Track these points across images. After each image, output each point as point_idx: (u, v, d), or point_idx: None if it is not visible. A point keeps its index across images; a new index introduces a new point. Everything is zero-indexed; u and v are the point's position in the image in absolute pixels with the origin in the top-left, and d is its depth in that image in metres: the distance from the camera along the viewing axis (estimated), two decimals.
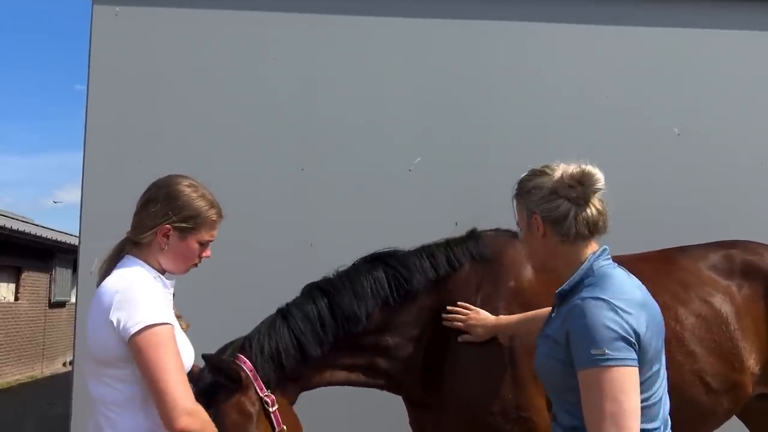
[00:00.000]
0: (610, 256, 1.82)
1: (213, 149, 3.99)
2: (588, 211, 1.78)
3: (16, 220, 15.60)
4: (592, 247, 1.82)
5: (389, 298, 2.47)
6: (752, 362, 2.64)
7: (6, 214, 15.76)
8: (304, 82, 4.16)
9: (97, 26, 4.02)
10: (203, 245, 2.02)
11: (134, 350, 1.77)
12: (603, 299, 1.64)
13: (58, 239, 16.62)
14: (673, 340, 2.50)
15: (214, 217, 2.02)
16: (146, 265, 1.95)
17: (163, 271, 2.01)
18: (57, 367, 17.06)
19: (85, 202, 3.89)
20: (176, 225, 1.95)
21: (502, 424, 2.40)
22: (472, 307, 2.49)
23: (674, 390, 2.38)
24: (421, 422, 2.65)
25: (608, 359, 1.56)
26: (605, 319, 1.60)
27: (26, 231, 14.59)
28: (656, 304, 1.78)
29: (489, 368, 2.46)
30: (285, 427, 2.23)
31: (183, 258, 2.00)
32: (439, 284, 2.54)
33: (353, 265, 2.56)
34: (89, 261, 3.79)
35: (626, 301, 1.65)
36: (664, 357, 1.76)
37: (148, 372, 1.75)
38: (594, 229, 1.79)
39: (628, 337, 1.59)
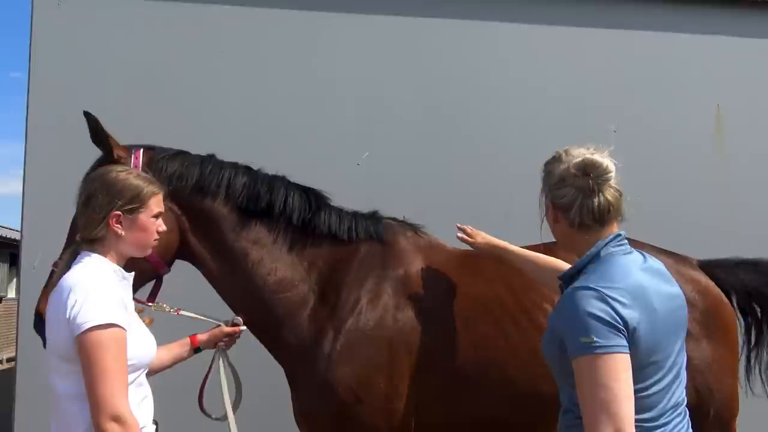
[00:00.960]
0: (623, 242, 1.79)
1: (157, 141, 3.98)
2: (595, 200, 1.75)
3: None
4: (609, 233, 1.79)
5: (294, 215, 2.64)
6: None
7: None
8: (253, 77, 4.19)
9: (38, 16, 3.93)
10: (156, 218, 2.06)
11: (78, 349, 1.80)
12: (592, 288, 1.64)
13: None
14: None
15: (157, 191, 2.07)
16: (103, 259, 1.97)
17: (123, 264, 2.04)
18: None
19: (27, 197, 3.83)
20: (124, 208, 1.98)
21: (373, 413, 2.47)
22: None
23: (553, 380, 2.55)
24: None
25: (598, 347, 1.56)
26: (592, 307, 1.60)
27: None
28: (672, 289, 1.78)
29: (368, 351, 2.51)
30: None
31: (142, 237, 2.03)
32: (334, 242, 2.67)
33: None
34: (32, 256, 3.73)
35: (619, 290, 1.64)
36: (677, 350, 1.74)
37: (86, 372, 1.79)
38: (601, 218, 1.76)
39: (617, 325, 1.59)
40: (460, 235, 2.70)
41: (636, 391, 1.59)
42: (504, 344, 2.58)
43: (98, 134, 2.50)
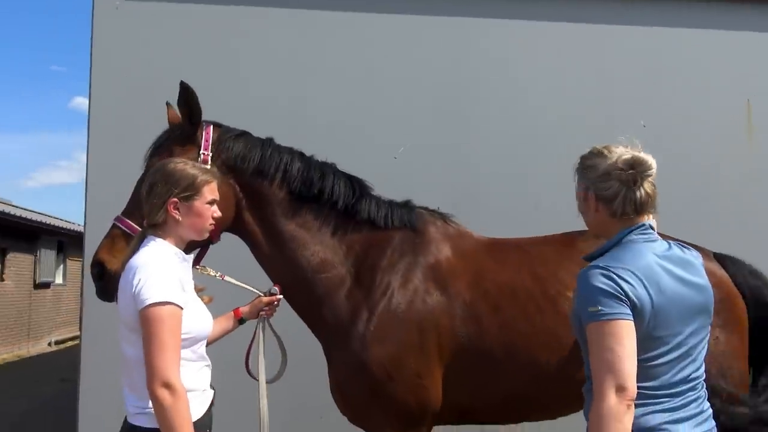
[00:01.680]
0: (647, 231, 1.94)
1: None
2: (637, 193, 1.91)
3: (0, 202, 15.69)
4: (633, 223, 1.94)
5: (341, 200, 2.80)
6: None
7: None
8: (297, 77, 4.40)
9: (98, 15, 4.21)
10: (210, 204, 2.26)
11: (140, 322, 2.03)
12: (600, 266, 1.83)
13: (42, 221, 16.71)
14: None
15: (209, 178, 2.28)
16: (166, 243, 2.21)
17: (185, 245, 2.27)
18: (43, 347, 17.18)
19: (89, 187, 4.11)
20: (181, 196, 2.19)
21: (404, 391, 2.60)
22: None
23: (573, 362, 2.58)
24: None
25: (603, 314, 1.76)
26: (598, 282, 1.79)
27: (12, 213, 14.69)
28: (682, 276, 1.89)
29: (399, 332, 2.64)
30: None
31: (198, 222, 2.24)
32: (372, 229, 2.82)
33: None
34: (95, 243, 4.03)
35: (627, 271, 1.81)
36: (690, 332, 1.86)
37: (145, 343, 2.02)
38: (641, 209, 1.93)
39: (619, 296, 1.77)
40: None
41: (640, 361, 1.76)
42: (528, 328, 2.71)
43: (192, 106, 2.66)
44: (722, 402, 2.42)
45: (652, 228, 1.96)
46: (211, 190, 2.28)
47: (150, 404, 2.03)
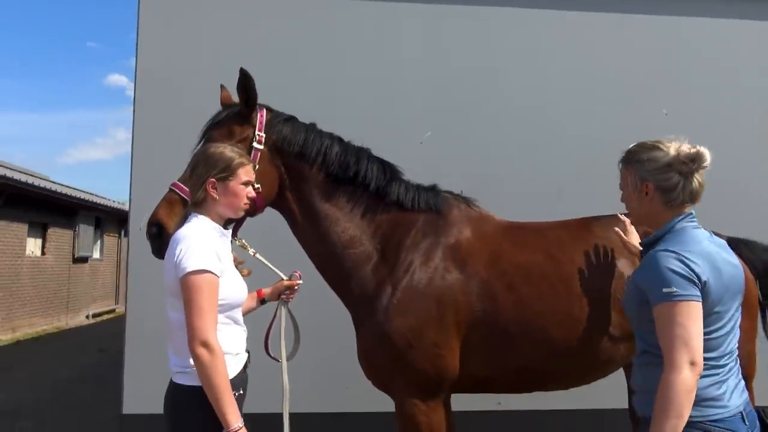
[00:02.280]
0: (694, 219, 2.13)
1: None
2: (693, 183, 2.09)
3: (39, 178, 16.18)
4: (683, 211, 2.13)
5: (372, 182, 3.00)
6: None
7: (31, 173, 16.33)
8: (330, 64, 4.60)
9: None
10: (245, 185, 2.47)
11: (181, 288, 2.25)
12: (671, 251, 1.99)
13: (81, 197, 17.22)
14: (585, 297, 2.91)
15: (245, 161, 2.49)
16: (207, 219, 2.43)
17: (223, 222, 2.49)
18: (81, 320, 17.76)
19: (135, 166, 4.38)
20: (218, 176, 2.41)
21: (424, 360, 2.80)
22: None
23: (583, 338, 2.86)
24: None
25: (677, 295, 1.92)
26: (672, 265, 1.95)
27: (52, 189, 15.20)
28: (733, 260, 2.10)
29: (419, 306, 2.83)
30: (257, 165, 2.81)
31: (234, 201, 2.45)
32: (399, 210, 3.01)
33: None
34: (139, 219, 4.31)
35: (692, 252, 1.99)
36: (735, 308, 2.06)
37: (185, 307, 2.23)
38: (694, 198, 2.11)
39: (692, 278, 1.94)
40: (616, 229, 2.97)
41: (705, 334, 1.94)
42: (542, 306, 2.90)
43: (249, 90, 2.86)
44: None
45: (695, 216, 2.14)
46: (246, 173, 2.48)
47: (190, 364, 2.24)
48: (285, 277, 2.93)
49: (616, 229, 2.99)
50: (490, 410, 4.39)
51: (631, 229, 3.00)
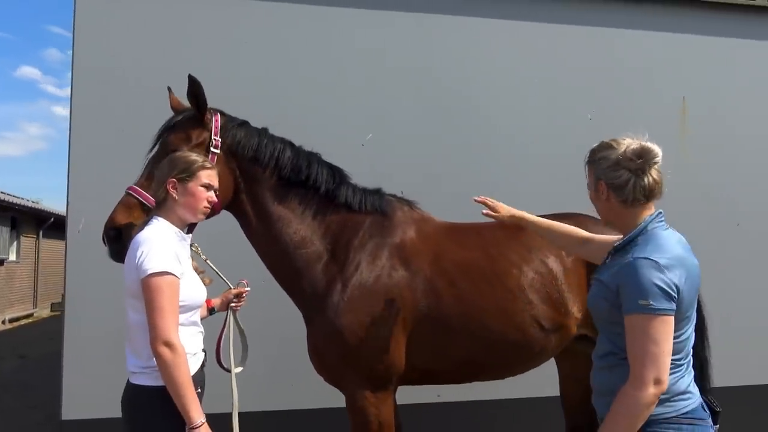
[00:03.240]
0: (663, 219, 2.09)
1: None
2: (645, 180, 2.03)
3: None
4: (649, 210, 2.08)
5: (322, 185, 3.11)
6: (575, 309, 3.21)
7: None
8: (272, 66, 4.63)
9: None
10: (205, 188, 2.53)
11: (143, 290, 2.29)
12: (651, 259, 1.92)
13: None
14: (518, 291, 3.11)
15: (206, 164, 2.56)
16: (167, 222, 2.47)
17: (183, 225, 2.54)
18: None
19: (72, 169, 4.28)
20: (178, 177, 2.47)
21: (373, 354, 2.93)
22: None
23: (518, 329, 3.07)
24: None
25: (653, 309, 1.87)
26: (652, 276, 1.89)
27: None
28: (694, 259, 2.06)
29: (368, 302, 2.96)
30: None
31: (192, 201, 2.51)
32: (348, 211, 3.14)
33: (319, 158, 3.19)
34: (76, 221, 4.24)
35: (669, 259, 1.93)
36: (695, 306, 2.04)
37: (147, 308, 2.27)
38: (650, 195, 2.06)
39: (670, 292, 1.89)
40: (485, 211, 2.94)
41: (676, 338, 1.95)
42: (480, 301, 3.09)
43: (199, 96, 2.90)
44: None
45: (663, 215, 2.11)
46: (207, 176, 2.54)
47: (150, 364, 2.29)
48: (232, 286, 3.00)
49: (484, 211, 2.93)
50: (431, 402, 4.57)
51: (498, 205, 2.94)
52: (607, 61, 5.22)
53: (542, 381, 3.94)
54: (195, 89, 2.89)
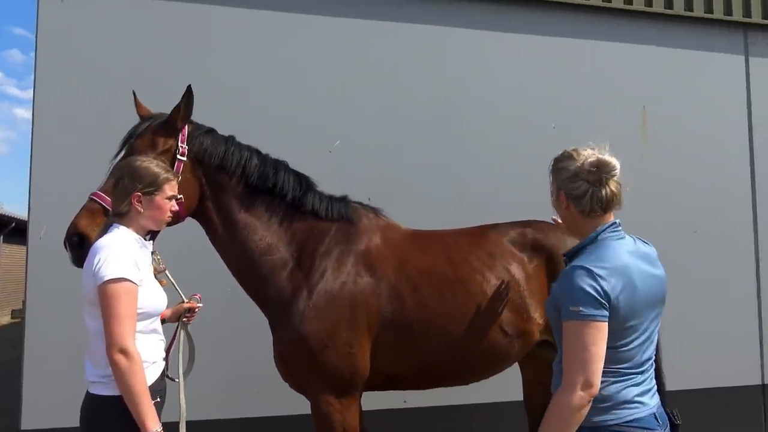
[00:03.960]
0: (618, 229, 2.12)
1: None
2: (603, 191, 2.08)
3: None
4: (607, 220, 2.12)
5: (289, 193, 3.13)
6: (537, 315, 3.26)
7: None
8: (239, 71, 4.62)
9: (43, 11, 4.30)
10: (169, 200, 2.54)
11: (99, 296, 2.27)
12: (585, 267, 1.98)
13: None
14: (481, 297, 3.16)
15: (171, 177, 2.55)
16: (128, 230, 2.46)
17: (145, 233, 2.53)
18: None
19: (33, 175, 4.20)
20: (144, 191, 2.46)
21: (338, 360, 2.96)
22: None
23: (482, 335, 3.12)
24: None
25: (582, 314, 1.93)
26: (583, 283, 1.94)
27: None
28: (654, 270, 2.10)
29: (334, 309, 2.99)
30: (180, 176, 2.87)
31: (157, 214, 2.51)
32: (314, 219, 3.17)
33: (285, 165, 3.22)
34: (38, 227, 4.17)
35: (607, 269, 1.97)
36: (652, 318, 2.07)
37: (103, 314, 2.26)
38: (607, 206, 2.10)
39: (599, 299, 1.93)
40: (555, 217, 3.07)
41: (617, 347, 2.00)
42: (443, 307, 3.13)
43: (189, 108, 2.95)
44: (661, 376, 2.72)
45: (619, 225, 2.15)
46: (171, 188, 2.55)
47: (107, 372, 2.27)
48: (186, 299, 2.98)
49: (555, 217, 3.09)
50: (397, 408, 4.60)
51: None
52: (571, 70, 5.33)
53: (506, 386, 3.99)
54: (190, 100, 2.94)
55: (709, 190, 5.58)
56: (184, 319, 2.94)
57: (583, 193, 2.10)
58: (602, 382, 1.96)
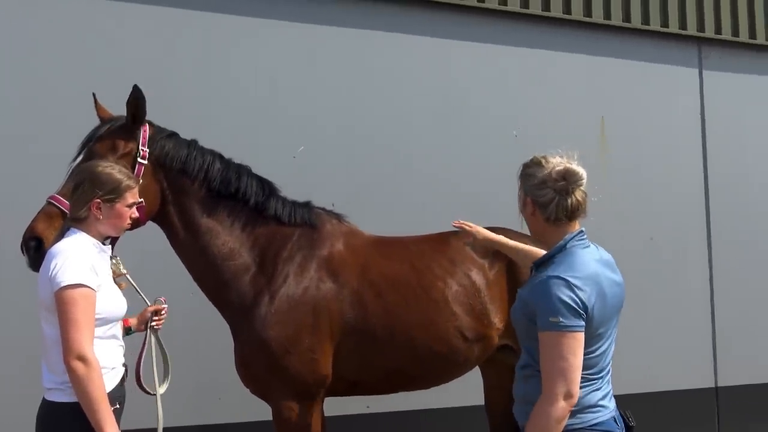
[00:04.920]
0: (584, 238, 2.16)
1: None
2: (569, 200, 2.11)
3: None
4: (573, 228, 2.15)
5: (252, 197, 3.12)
6: (497, 320, 3.32)
7: None
8: (195, 76, 4.57)
9: None
10: (129, 207, 2.50)
11: (56, 303, 2.24)
12: (562, 278, 2.00)
13: None
14: (442, 303, 3.20)
15: (132, 185, 2.51)
16: (85, 235, 2.42)
17: (103, 238, 2.49)
18: None
19: None
20: (104, 198, 2.41)
21: (300, 366, 2.97)
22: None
23: (443, 340, 3.17)
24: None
25: (562, 326, 1.95)
26: (562, 294, 1.97)
27: None
28: (615, 276, 2.15)
29: (296, 314, 3.00)
30: (141, 180, 2.83)
31: (117, 222, 2.48)
32: (277, 224, 3.17)
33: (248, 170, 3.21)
34: None
35: (581, 278, 2.01)
36: (614, 324, 2.13)
37: (60, 320, 2.23)
38: (572, 215, 2.13)
39: (578, 309, 1.97)
40: (465, 239, 3.11)
41: (587, 354, 2.03)
42: (406, 313, 3.17)
43: (140, 107, 2.89)
44: None
45: (585, 233, 2.19)
46: (132, 195, 2.51)
47: (65, 379, 2.23)
48: (149, 303, 2.91)
49: (454, 222, 3.09)
50: (359, 413, 4.61)
51: (476, 230, 3.04)
52: (531, 80, 5.43)
53: (468, 390, 4.04)
54: (139, 99, 2.88)
55: (665, 198, 5.73)
56: (152, 324, 2.86)
57: (550, 200, 2.13)
58: None
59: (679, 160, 5.83)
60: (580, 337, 1.99)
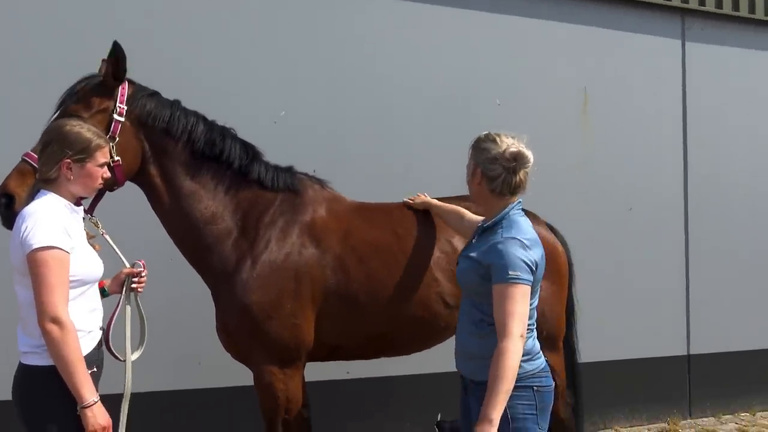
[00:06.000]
0: (521, 208, 2.51)
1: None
2: (514, 178, 2.42)
3: None
4: (512, 200, 2.47)
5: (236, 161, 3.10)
6: None
7: None
8: (177, 41, 4.49)
9: None
10: (101, 167, 2.45)
11: (29, 265, 2.21)
12: (518, 239, 2.34)
13: None
14: (424, 269, 3.22)
15: (103, 144, 2.46)
16: (56, 196, 2.37)
17: (75, 199, 2.44)
18: None
19: None
20: (74, 158, 2.36)
21: (282, 331, 2.98)
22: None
23: (424, 306, 3.19)
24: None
25: (519, 279, 2.28)
26: (519, 252, 2.30)
27: None
28: (544, 241, 2.56)
29: (277, 279, 2.99)
30: (118, 138, 2.79)
31: (88, 182, 2.43)
32: (259, 188, 3.14)
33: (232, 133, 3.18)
34: None
35: (529, 240, 2.37)
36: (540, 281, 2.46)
37: (33, 283, 2.20)
38: (514, 191, 2.45)
39: (531, 266, 2.31)
40: (405, 200, 3.46)
41: (531, 305, 2.36)
42: (388, 278, 3.18)
43: (120, 63, 2.81)
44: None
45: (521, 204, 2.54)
46: (103, 155, 2.46)
47: (41, 343, 2.22)
48: (128, 265, 2.76)
49: (406, 200, 3.49)
50: (340, 379, 4.64)
51: (423, 199, 3.44)
52: (514, 49, 5.39)
53: (449, 356, 4.07)
54: (117, 55, 2.80)
55: (644, 169, 5.78)
56: (133, 285, 2.70)
57: (497, 175, 2.42)
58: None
59: (660, 130, 5.87)
60: (528, 290, 2.31)
